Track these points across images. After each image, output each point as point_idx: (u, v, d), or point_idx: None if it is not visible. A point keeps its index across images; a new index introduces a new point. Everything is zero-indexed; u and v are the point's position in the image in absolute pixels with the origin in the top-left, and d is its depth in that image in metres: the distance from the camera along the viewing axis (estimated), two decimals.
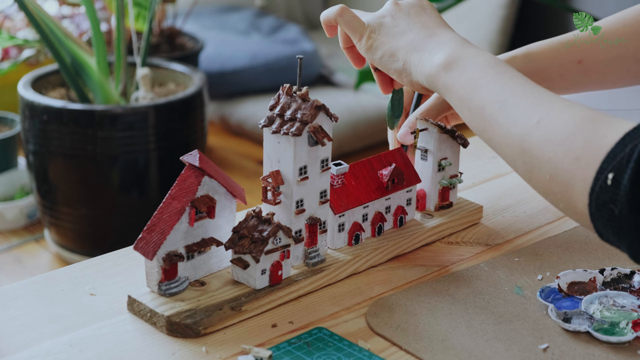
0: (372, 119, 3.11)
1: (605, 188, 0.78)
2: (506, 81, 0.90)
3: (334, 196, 1.02)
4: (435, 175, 1.11)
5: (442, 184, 1.12)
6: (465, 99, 0.92)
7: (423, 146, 1.11)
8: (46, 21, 2.27)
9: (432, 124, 1.09)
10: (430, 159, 1.11)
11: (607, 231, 0.80)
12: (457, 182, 1.13)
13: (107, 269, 1.03)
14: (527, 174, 0.87)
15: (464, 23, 3.41)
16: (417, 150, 1.11)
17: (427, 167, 1.11)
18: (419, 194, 1.12)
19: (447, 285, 1.00)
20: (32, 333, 0.91)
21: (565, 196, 0.83)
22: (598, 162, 0.79)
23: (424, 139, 1.11)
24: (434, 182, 1.11)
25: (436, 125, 1.09)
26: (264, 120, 0.97)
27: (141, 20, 2.59)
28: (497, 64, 0.93)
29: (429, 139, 1.10)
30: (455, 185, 1.13)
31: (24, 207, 2.62)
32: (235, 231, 0.95)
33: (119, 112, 2.27)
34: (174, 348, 0.89)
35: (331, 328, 0.92)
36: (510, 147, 0.88)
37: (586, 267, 1.04)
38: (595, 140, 0.80)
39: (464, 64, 0.93)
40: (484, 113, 0.90)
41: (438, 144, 1.10)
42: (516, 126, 0.87)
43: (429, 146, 1.10)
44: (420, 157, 1.12)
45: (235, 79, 3.27)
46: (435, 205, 1.12)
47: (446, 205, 1.13)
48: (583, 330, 0.91)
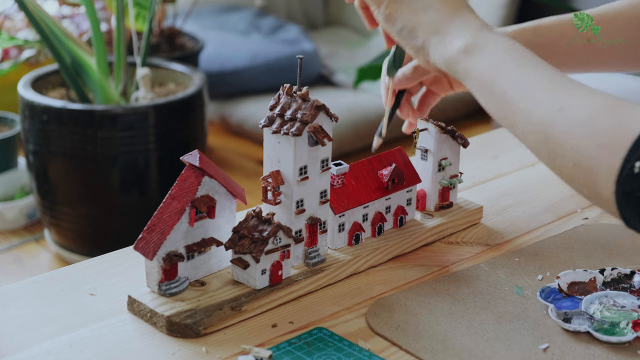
0: (372, 119, 3.10)
1: (632, 176, 0.78)
2: (528, 67, 0.90)
3: (334, 196, 1.02)
4: (436, 175, 1.11)
5: (442, 184, 1.12)
6: (487, 84, 0.91)
7: (423, 146, 1.11)
8: (46, 21, 2.27)
9: (432, 124, 1.09)
10: (430, 159, 1.11)
11: (633, 218, 0.80)
12: (457, 182, 1.13)
13: (107, 269, 1.03)
14: (550, 161, 0.87)
15: None
16: (417, 150, 1.11)
17: (427, 167, 1.11)
18: (419, 194, 1.12)
19: (447, 285, 1.00)
20: (32, 333, 0.91)
21: (590, 183, 0.82)
22: (624, 150, 0.79)
23: (424, 139, 1.11)
24: (434, 182, 1.11)
25: (436, 125, 1.09)
26: (264, 120, 0.97)
27: (141, 20, 2.59)
28: (518, 50, 0.92)
29: (429, 139, 1.10)
30: (455, 185, 1.13)
31: (24, 207, 2.62)
32: (235, 231, 0.95)
33: (119, 112, 2.27)
34: (174, 348, 0.89)
35: (331, 328, 0.92)
36: (533, 134, 0.87)
37: (586, 267, 1.04)
38: (620, 127, 0.80)
39: (485, 50, 0.92)
40: (505, 98, 0.89)
41: (438, 144, 1.10)
42: (538, 112, 0.86)
43: (429, 146, 1.10)
44: (420, 157, 1.12)
45: (235, 79, 3.27)
46: (435, 205, 1.12)
47: (446, 205, 1.13)
48: (583, 331, 0.91)
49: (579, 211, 1.18)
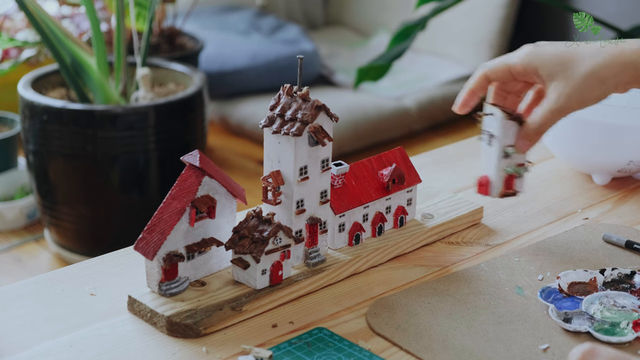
0: (372, 119, 3.10)
1: None
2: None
3: (335, 196, 1.02)
4: (500, 162, 1.07)
5: (507, 172, 1.07)
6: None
7: (488, 131, 1.07)
8: (46, 21, 2.27)
9: (498, 109, 1.05)
10: (496, 144, 1.07)
11: None
12: (524, 171, 1.08)
13: (107, 269, 1.03)
14: None
15: (464, 23, 3.41)
16: (483, 135, 1.07)
17: (491, 153, 1.07)
18: (482, 180, 1.08)
19: (448, 285, 1.00)
20: (32, 333, 0.91)
21: None
22: None
23: (490, 123, 1.07)
24: (498, 169, 1.07)
25: (503, 111, 1.05)
26: (264, 120, 0.97)
27: (141, 20, 2.59)
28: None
29: (494, 124, 1.06)
30: (522, 174, 1.08)
31: (24, 207, 2.61)
32: (235, 231, 0.95)
33: (119, 112, 2.27)
34: (174, 348, 0.89)
35: (331, 328, 0.92)
36: None
37: (586, 267, 1.04)
38: None
39: None
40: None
41: (504, 130, 1.05)
42: None
43: (495, 131, 1.06)
44: (486, 142, 1.07)
45: (235, 79, 3.27)
46: (499, 192, 1.08)
47: (510, 193, 1.08)
48: (583, 331, 0.91)
49: (579, 211, 1.18)
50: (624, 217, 1.17)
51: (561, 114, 1.02)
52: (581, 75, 1.00)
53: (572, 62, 1.01)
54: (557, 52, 1.02)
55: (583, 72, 1.00)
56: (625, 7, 3.12)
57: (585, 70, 1.00)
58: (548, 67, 1.02)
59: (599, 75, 1.00)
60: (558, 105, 1.01)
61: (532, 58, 1.03)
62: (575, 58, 1.01)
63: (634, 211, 1.19)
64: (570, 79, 1.01)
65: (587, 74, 1.00)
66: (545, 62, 1.02)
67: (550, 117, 1.03)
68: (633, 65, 0.99)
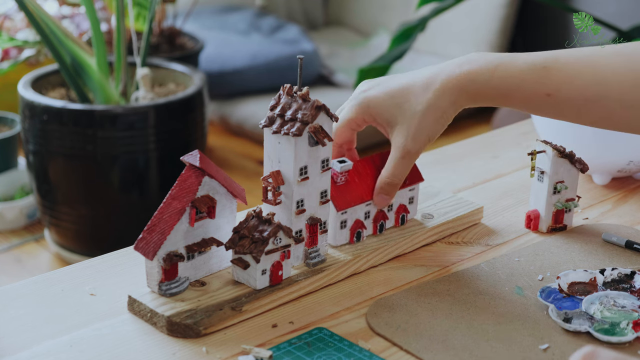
0: None
1: None
2: None
3: (337, 193, 1.02)
4: (550, 198, 1.11)
5: (556, 207, 1.12)
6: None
7: (540, 167, 1.11)
8: (46, 21, 2.27)
9: (550, 146, 1.10)
10: (546, 180, 1.11)
11: None
12: (573, 206, 1.13)
13: (107, 269, 1.03)
14: None
15: (464, 23, 3.41)
16: (535, 172, 1.11)
17: (542, 189, 1.11)
18: (533, 214, 1.12)
19: (448, 285, 1.00)
20: (32, 333, 0.91)
21: None
22: None
23: (542, 160, 1.11)
24: (548, 204, 1.11)
25: (554, 149, 1.09)
26: (264, 120, 0.97)
27: (141, 20, 2.59)
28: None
29: (546, 161, 1.10)
30: (570, 209, 1.13)
31: (24, 207, 2.62)
32: (235, 231, 0.95)
33: (119, 112, 2.27)
34: (174, 348, 0.89)
35: (331, 328, 0.92)
36: None
37: (586, 267, 1.04)
38: None
39: None
40: None
41: (555, 167, 1.10)
42: None
43: (545, 168, 1.10)
44: (537, 178, 1.12)
45: (235, 79, 3.27)
46: (548, 226, 1.12)
47: (559, 227, 1.13)
48: (583, 331, 0.91)
49: (579, 211, 1.18)
50: (624, 217, 1.17)
51: (413, 158, 1.03)
52: (421, 113, 1.00)
53: (407, 103, 1.01)
54: (389, 94, 1.02)
55: (422, 109, 1.00)
56: (625, 7, 3.12)
57: (423, 107, 1.00)
58: (385, 113, 1.02)
59: (437, 107, 1.00)
60: (407, 150, 1.02)
61: (365, 107, 1.03)
62: (408, 97, 1.01)
63: (634, 211, 1.19)
64: (411, 120, 1.01)
65: (425, 110, 1.00)
66: (381, 109, 1.02)
67: (402, 165, 1.03)
68: (464, 89, 0.99)
